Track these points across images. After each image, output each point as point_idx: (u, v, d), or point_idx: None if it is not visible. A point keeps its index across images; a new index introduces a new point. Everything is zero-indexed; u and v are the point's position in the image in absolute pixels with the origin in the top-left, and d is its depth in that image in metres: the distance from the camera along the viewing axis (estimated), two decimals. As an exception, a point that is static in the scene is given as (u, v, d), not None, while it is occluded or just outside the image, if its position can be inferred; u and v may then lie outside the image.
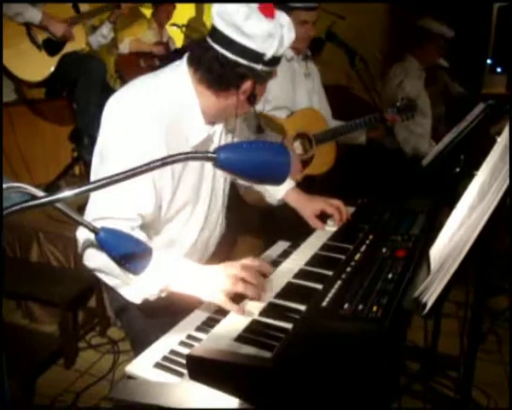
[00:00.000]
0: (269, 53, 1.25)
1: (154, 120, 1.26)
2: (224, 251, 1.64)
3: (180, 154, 0.71)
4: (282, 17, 1.29)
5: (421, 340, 2.21)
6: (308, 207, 1.70)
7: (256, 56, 1.25)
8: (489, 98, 4.26)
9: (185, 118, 1.33)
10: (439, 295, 0.88)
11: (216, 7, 1.25)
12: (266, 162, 0.75)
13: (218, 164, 0.72)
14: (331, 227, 1.63)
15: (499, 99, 4.23)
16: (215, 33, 1.26)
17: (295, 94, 2.43)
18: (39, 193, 0.77)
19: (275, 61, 1.30)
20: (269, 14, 1.25)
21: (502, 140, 1.07)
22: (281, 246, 1.58)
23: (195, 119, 1.34)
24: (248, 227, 2.15)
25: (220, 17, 1.23)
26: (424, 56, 3.34)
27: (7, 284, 2.33)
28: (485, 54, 5.17)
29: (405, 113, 2.51)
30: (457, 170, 2.04)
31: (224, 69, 1.27)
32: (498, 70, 3.91)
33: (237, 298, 1.17)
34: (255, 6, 1.25)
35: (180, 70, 1.34)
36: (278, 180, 0.79)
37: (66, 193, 0.75)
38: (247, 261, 1.22)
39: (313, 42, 4.11)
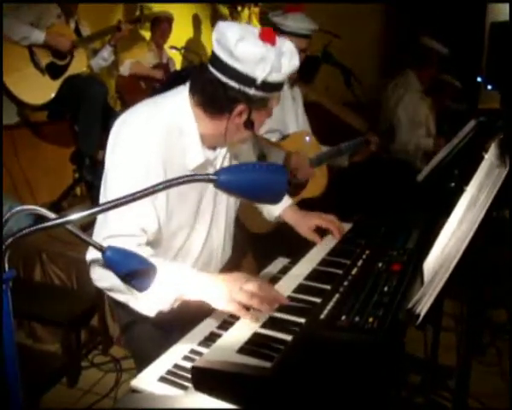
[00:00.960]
0: (260, 77, 1.24)
1: (155, 146, 1.29)
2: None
3: (183, 176, 0.76)
4: (286, 45, 1.30)
5: (421, 353, 2.25)
6: (304, 223, 1.76)
7: (247, 80, 1.25)
8: (485, 113, 4.33)
9: (184, 143, 1.36)
10: (431, 305, 0.92)
11: (216, 31, 1.27)
12: (264, 183, 0.79)
13: (219, 185, 0.77)
14: (329, 242, 1.67)
15: (494, 114, 4.31)
16: (212, 56, 1.28)
17: (285, 117, 2.49)
18: (51, 215, 0.82)
19: (269, 86, 1.28)
20: (269, 40, 1.25)
21: (489, 157, 1.12)
22: (280, 262, 1.62)
23: (194, 143, 1.37)
24: (241, 249, 2.19)
25: (216, 40, 1.25)
26: (424, 73, 3.51)
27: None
28: (479, 69, 5.26)
29: (389, 137, 2.61)
30: (452, 185, 2.09)
31: (216, 91, 1.28)
32: (489, 87, 3.98)
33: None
34: (255, 30, 1.27)
35: (181, 95, 1.37)
36: (275, 199, 0.83)
37: (77, 215, 0.79)
38: (266, 284, 1.27)
39: (310, 61, 4.20)
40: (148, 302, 1.26)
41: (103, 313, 2.77)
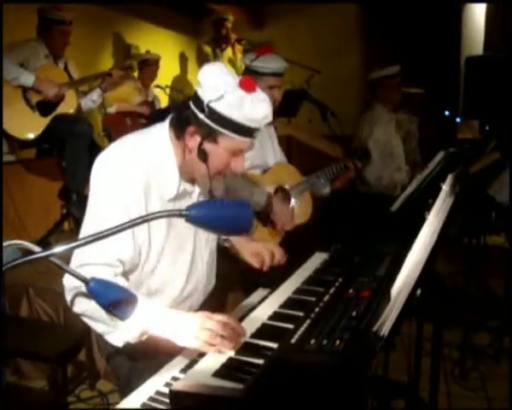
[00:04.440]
0: (206, 100, 1.30)
1: (135, 178, 1.36)
2: (211, 305, 1.69)
3: (157, 212, 0.83)
4: (259, 93, 1.35)
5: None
6: (246, 248, 1.82)
7: (198, 102, 1.33)
8: (464, 143, 4.47)
9: (163, 174, 1.42)
10: (391, 327, 0.99)
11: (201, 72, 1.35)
12: (230, 217, 0.87)
13: (190, 219, 0.85)
14: (305, 272, 1.73)
15: (472, 143, 4.46)
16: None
17: (264, 153, 2.59)
18: (36, 248, 0.88)
19: (217, 116, 1.31)
20: (248, 88, 1.31)
21: (445, 187, 1.21)
22: (261, 293, 1.69)
23: (172, 174, 1.43)
24: (229, 280, 2.25)
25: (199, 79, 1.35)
26: (386, 100, 3.61)
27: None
28: (457, 102, 5.44)
29: (363, 158, 2.73)
30: (426, 214, 2.18)
31: (180, 111, 1.39)
32: (458, 120, 4.13)
33: None
34: (236, 78, 1.33)
35: (162, 130, 1.45)
36: (242, 231, 0.91)
37: (60, 248, 0.86)
38: (225, 319, 1.27)
39: (293, 96, 4.35)
40: (117, 333, 1.30)
41: (90, 347, 2.78)
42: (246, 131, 1.35)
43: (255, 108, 1.33)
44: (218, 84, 1.30)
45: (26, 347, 2.63)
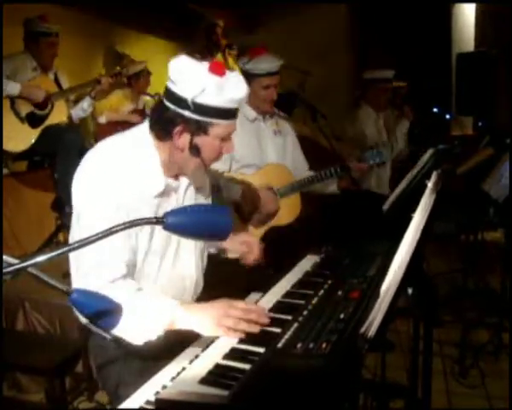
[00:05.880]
0: (188, 97, 1.30)
1: (117, 180, 1.36)
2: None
3: (134, 220, 0.83)
4: (232, 74, 1.37)
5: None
6: (235, 238, 1.81)
7: (180, 101, 1.32)
8: (456, 139, 4.48)
9: (147, 171, 1.42)
10: (378, 327, 0.98)
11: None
12: (209, 222, 0.87)
13: (167, 227, 0.84)
14: (295, 275, 1.70)
15: (466, 140, 4.46)
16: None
17: (263, 151, 2.58)
18: (13, 261, 0.87)
19: (203, 109, 1.32)
20: (219, 72, 1.32)
21: (431, 185, 1.21)
22: (253, 297, 1.67)
23: (155, 171, 1.43)
24: (234, 285, 2.23)
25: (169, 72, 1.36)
26: (373, 102, 3.63)
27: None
28: (449, 99, 5.46)
29: (372, 160, 2.68)
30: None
31: (159, 115, 1.39)
32: (447, 117, 4.13)
33: None
34: (203, 64, 1.33)
35: (141, 129, 1.46)
36: (221, 237, 0.91)
37: (37, 258, 0.85)
38: (245, 305, 1.33)
39: (286, 97, 4.35)
40: (138, 332, 1.30)
41: (88, 358, 2.77)
42: (231, 113, 1.38)
43: (235, 89, 1.35)
44: (193, 77, 1.31)
45: (22, 360, 2.62)
